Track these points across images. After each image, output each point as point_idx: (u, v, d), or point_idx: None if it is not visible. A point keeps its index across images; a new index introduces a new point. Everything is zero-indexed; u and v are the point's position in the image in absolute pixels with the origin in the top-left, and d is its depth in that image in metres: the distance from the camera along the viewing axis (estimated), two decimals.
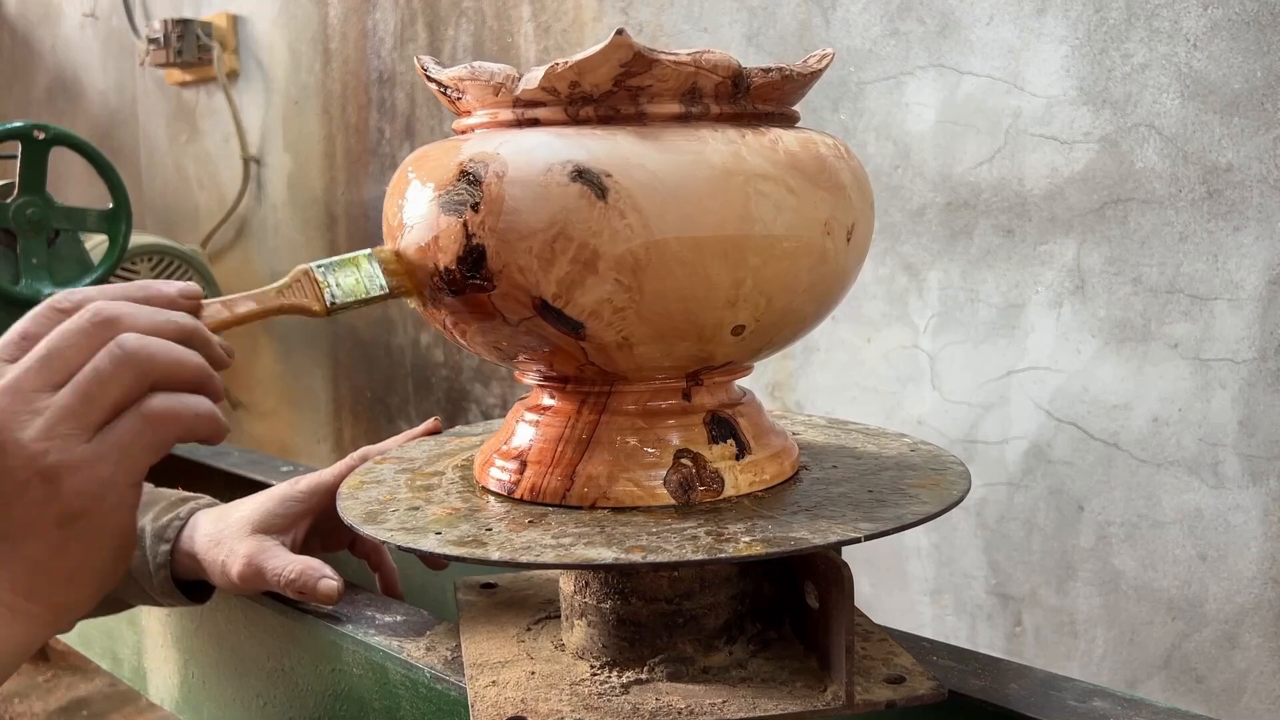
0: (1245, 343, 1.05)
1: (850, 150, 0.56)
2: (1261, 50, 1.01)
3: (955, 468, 0.59)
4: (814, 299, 0.54)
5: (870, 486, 0.56)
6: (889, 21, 1.27)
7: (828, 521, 0.50)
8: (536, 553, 0.48)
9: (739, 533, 0.50)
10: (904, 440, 0.65)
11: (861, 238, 0.55)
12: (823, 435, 0.68)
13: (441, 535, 0.52)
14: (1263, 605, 1.06)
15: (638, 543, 0.49)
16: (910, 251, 1.28)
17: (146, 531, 0.70)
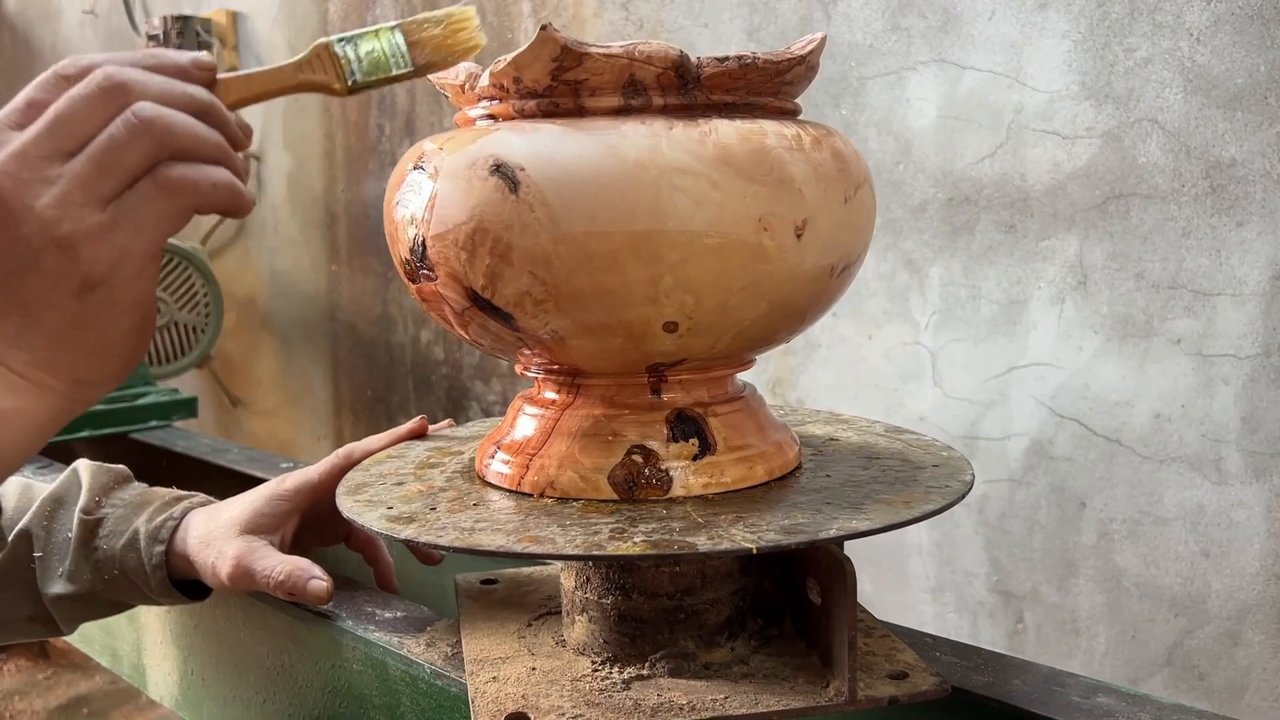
0: (1248, 338, 1.05)
1: (833, 143, 0.52)
2: (1265, 44, 1.01)
3: (961, 486, 0.56)
4: (760, 298, 0.51)
5: (852, 499, 0.53)
6: (890, 16, 1.27)
7: (748, 530, 0.49)
8: (436, 534, 0.50)
9: (639, 533, 0.49)
10: (951, 455, 0.62)
11: (823, 235, 0.51)
12: (865, 437, 0.67)
13: (391, 510, 0.54)
14: (1265, 602, 1.06)
15: (530, 533, 0.50)
16: (912, 248, 1.28)
17: (141, 533, 0.70)
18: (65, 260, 0.42)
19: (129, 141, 0.42)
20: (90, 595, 0.70)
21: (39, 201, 0.41)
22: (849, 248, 0.54)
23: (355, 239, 2.08)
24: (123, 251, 0.43)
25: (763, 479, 0.56)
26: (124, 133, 0.42)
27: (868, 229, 0.56)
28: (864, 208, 0.54)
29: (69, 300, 0.43)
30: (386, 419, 2.06)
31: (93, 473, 0.74)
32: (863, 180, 0.54)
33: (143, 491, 0.74)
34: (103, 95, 0.42)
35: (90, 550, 0.70)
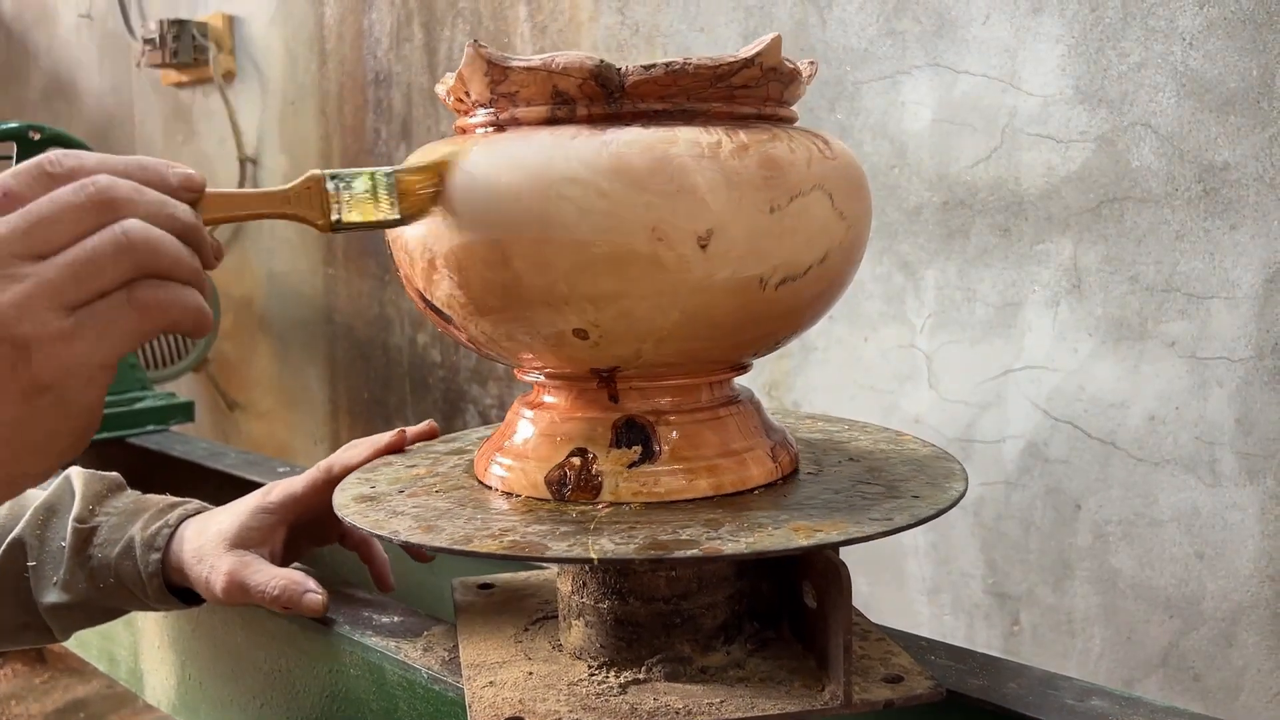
0: (1242, 341, 1.05)
1: (767, 150, 0.50)
2: (1258, 48, 1.01)
3: (915, 506, 0.53)
4: (669, 308, 0.51)
5: (805, 511, 0.53)
6: (885, 21, 1.27)
7: (629, 542, 0.49)
8: (372, 519, 0.54)
9: (520, 535, 0.51)
10: (953, 466, 0.61)
11: (738, 246, 0.50)
12: (875, 443, 0.67)
13: (350, 491, 0.57)
14: (1260, 603, 1.06)
15: (442, 523, 0.53)
16: (907, 251, 1.28)
17: (136, 540, 0.70)
18: (17, 360, 0.40)
19: (112, 258, 0.41)
20: (85, 603, 0.71)
21: (1, 298, 0.40)
22: (783, 259, 0.51)
23: (352, 241, 2.08)
24: (79, 360, 0.41)
25: (706, 493, 0.54)
26: (109, 248, 0.41)
27: (821, 238, 0.52)
28: (807, 216, 0.51)
29: (16, 400, 0.41)
30: (383, 421, 2.06)
31: (85, 480, 0.74)
32: (808, 188, 0.51)
33: (136, 499, 0.74)
34: (91, 206, 0.41)
35: (85, 559, 0.70)
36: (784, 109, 0.56)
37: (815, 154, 0.53)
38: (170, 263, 0.43)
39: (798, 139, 0.53)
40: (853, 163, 0.56)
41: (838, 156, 0.54)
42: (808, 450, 0.64)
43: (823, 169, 0.52)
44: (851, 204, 0.54)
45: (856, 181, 0.55)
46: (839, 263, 0.54)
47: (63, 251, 0.41)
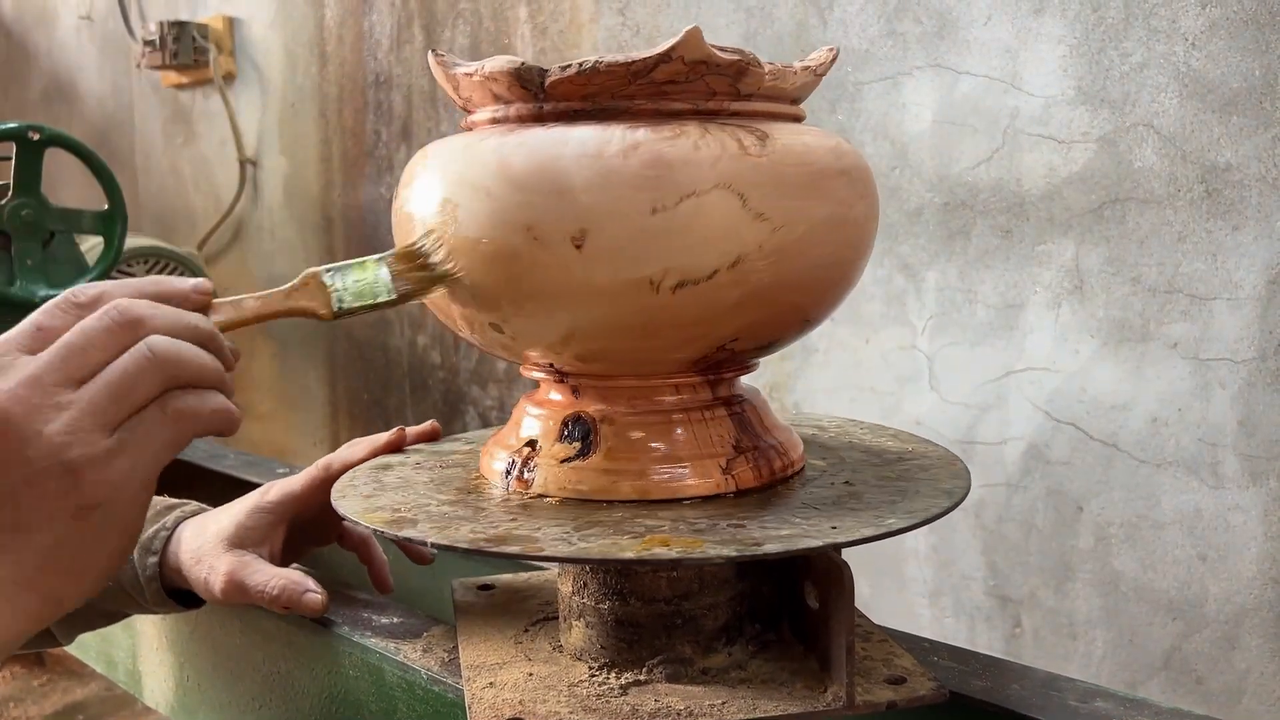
0: (1244, 342, 1.05)
1: (658, 149, 0.49)
2: (1260, 49, 1.01)
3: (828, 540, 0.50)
4: (557, 308, 0.51)
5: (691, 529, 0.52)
6: (886, 22, 1.27)
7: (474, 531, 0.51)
8: (349, 502, 0.57)
9: (433, 520, 0.54)
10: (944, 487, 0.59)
11: (618, 246, 0.49)
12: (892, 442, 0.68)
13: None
14: (1263, 606, 1.06)
15: (396, 503, 0.57)
16: (908, 252, 1.28)
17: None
18: (68, 483, 0.43)
19: (142, 373, 0.44)
20: (86, 607, 0.70)
21: (49, 427, 0.43)
22: (673, 261, 0.49)
23: (352, 243, 2.08)
24: (125, 476, 0.44)
25: (629, 495, 0.54)
26: (137, 365, 0.44)
27: (725, 241, 0.50)
28: (702, 217, 0.49)
29: (66, 521, 0.44)
30: (383, 423, 2.05)
31: None
32: (706, 188, 0.49)
33: None
34: (116, 328, 0.45)
35: None
36: (754, 103, 0.53)
37: (730, 152, 0.50)
38: (196, 369, 0.46)
39: (714, 137, 0.50)
40: (803, 160, 0.51)
41: (770, 154, 0.50)
42: (818, 453, 0.64)
43: (735, 167, 0.49)
44: (782, 204, 0.50)
45: (798, 181, 0.51)
46: (765, 267, 0.51)
47: (96, 376, 0.44)
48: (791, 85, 0.55)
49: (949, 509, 0.53)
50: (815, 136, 0.54)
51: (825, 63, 0.57)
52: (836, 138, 0.56)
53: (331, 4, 2.05)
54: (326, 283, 0.53)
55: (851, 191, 0.54)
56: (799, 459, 0.60)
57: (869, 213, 0.56)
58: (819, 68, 0.57)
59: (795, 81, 0.55)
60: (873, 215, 0.57)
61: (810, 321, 0.58)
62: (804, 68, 0.56)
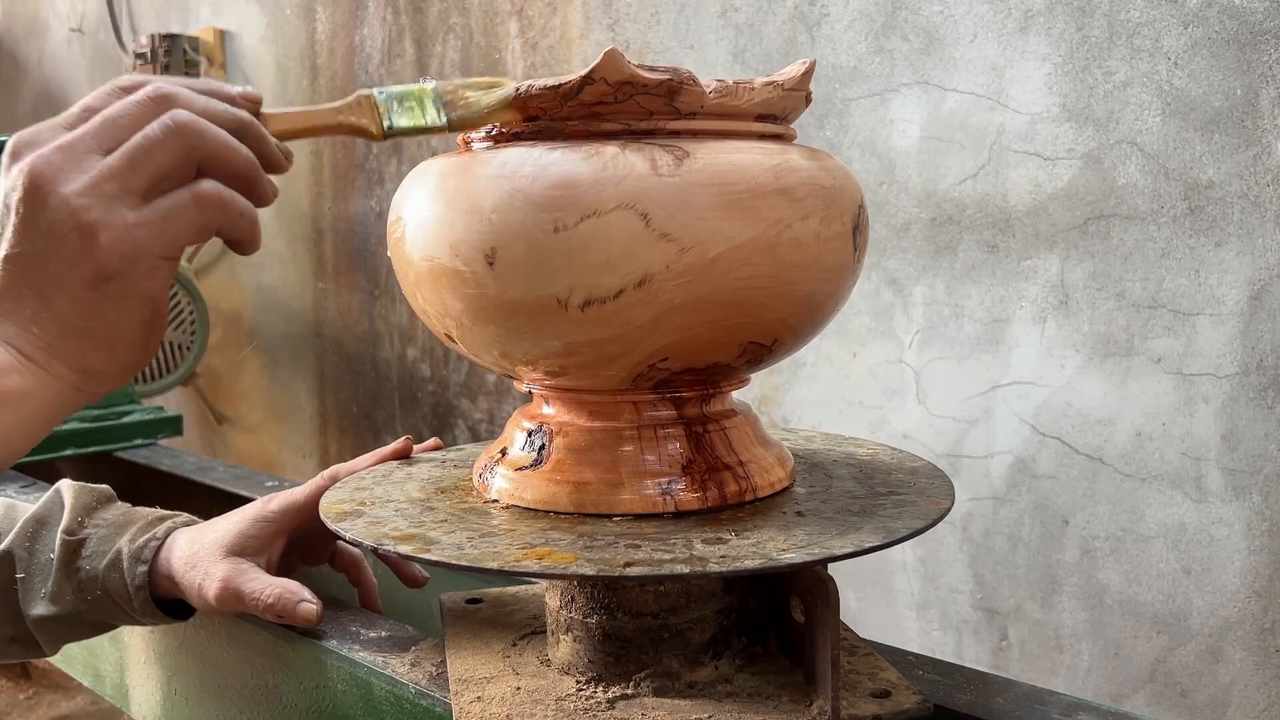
0: (1227, 357, 1.06)
1: (560, 170, 0.50)
2: (1241, 68, 1.02)
3: None
4: (484, 322, 0.54)
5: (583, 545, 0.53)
6: (874, 39, 1.28)
7: (421, 541, 0.53)
8: (333, 492, 0.63)
9: (377, 515, 0.58)
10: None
11: (525, 264, 0.50)
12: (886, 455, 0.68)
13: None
14: (1246, 619, 1.07)
15: (371, 498, 0.62)
16: (895, 267, 1.29)
17: (124, 553, 0.69)
18: (85, 246, 0.44)
19: (161, 141, 0.45)
20: (73, 616, 0.70)
21: (69, 187, 0.44)
22: (578, 280, 0.50)
23: (342, 255, 2.08)
24: (141, 247, 0.45)
25: (565, 508, 0.56)
26: (158, 132, 0.45)
27: (628, 260, 0.49)
28: (602, 237, 0.49)
29: (82, 288, 0.44)
30: (372, 436, 2.05)
31: (75, 493, 0.73)
32: (608, 208, 0.49)
33: (125, 511, 0.74)
34: (150, 103, 0.46)
35: (73, 571, 0.70)
36: (699, 121, 0.53)
37: (637, 172, 0.49)
38: (220, 148, 0.47)
39: (627, 157, 0.50)
40: (722, 180, 0.50)
41: (683, 174, 0.50)
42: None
43: (639, 188, 0.49)
44: (691, 225, 0.50)
45: (712, 202, 0.50)
46: (676, 288, 0.50)
47: None
48: (747, 102, 0.54)
49: (886, 544, 0.51)
50: (757, 155, 0.52)
51: (796, 77, 0.56)
52: (791, 155, 0.53)
53: (323, 17, 2.06)
54: (380, 103, 0.54)
55: (793, 211, 0.52)
56: (773, 483, 0.58)
57: (823, 232, 0.53)
58: (787, 83, 0.55)
59: (753, 98, 0.54)
60: (833, 235, 0.54)
61: (771, 345, 0.56)
62: (767, 83, 0.55)
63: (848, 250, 0.56)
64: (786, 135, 0.58)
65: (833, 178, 0.55)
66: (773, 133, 0.56)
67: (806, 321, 0.57)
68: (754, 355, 0.56)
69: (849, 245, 0.56)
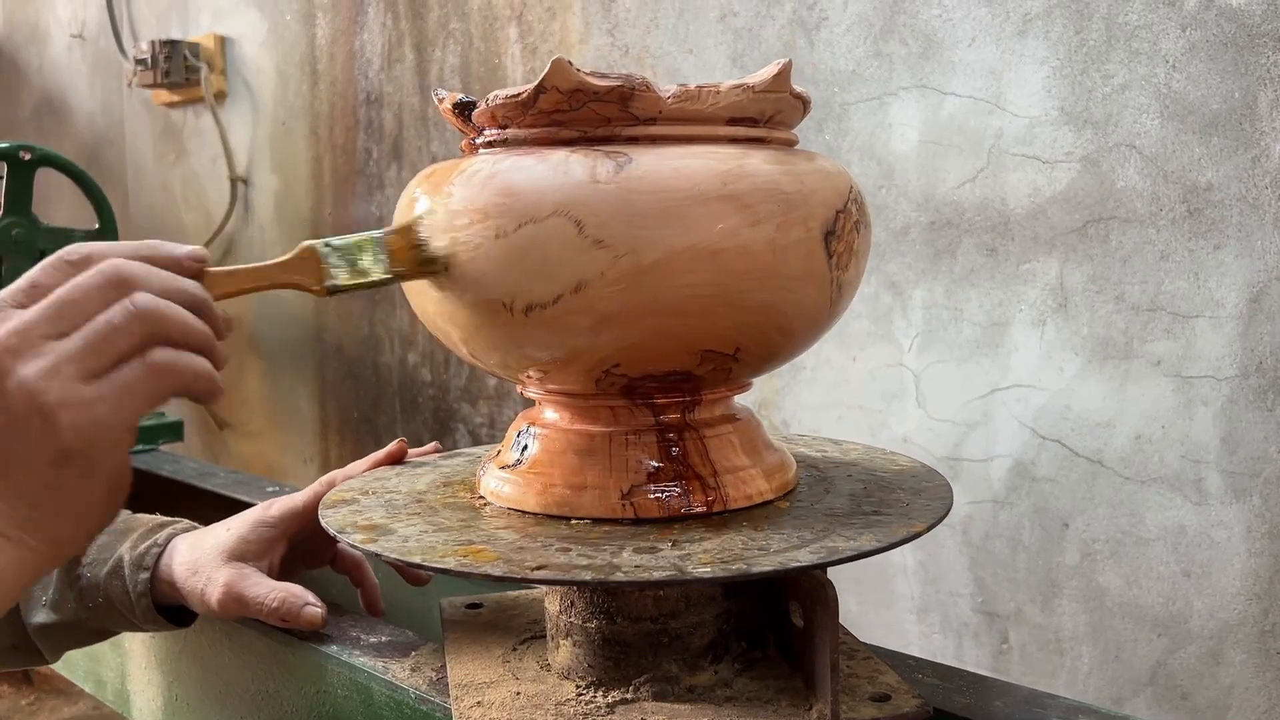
0: (1226, 360, 1.06)
1: (503, 179, 0.51)
2: (1239, 71, 1.02)
3: None
4: (448, 325, 0.57)
5: None
6: (872, 43, 1.28)
7: (384, 531, 0.56)
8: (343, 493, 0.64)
9: (366, 506, 0.60)
10: None
11: (473, 271, 0.52)
12: None
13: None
14: (1247, 621, 1.07)
15: (385, 488, 0.65)
16: (894, 270, 1.29)
17: (125, 560, 0.69)
18: (46, 428, 0.43)
19: (124, 326, 0.45)
20: (74, 624, 0.70)
21: (27, 370, 0.43)
22: (519, 286, 0.51)
23: None
24: (101, 423, 0.44)
25: (533, 508, 0.57)
26: (121, 318, 0.45)
27: (564, 267, 0.50)
28: (539, 244, 0.50)
29: (47, 468, 0.44)
30: (373, 440, 2.05)
31: None
32: (543, 215, 0.50)
33: (125, 518, 0.74)
34: (106, 284, 0.45)
35: (74, 579, 0.70)
36: (659, 127, 0.53)
37: (575, 179, 0.50)
38: (180, 328, 0.46)
39: (569, 164, 0.50)
40: (660, 187, 0.50)
41: (621, 181, 0.50)
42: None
43: (575, 195, 0.50)
44: (626, 232, 0.49)
45: (649, 208, 0.50)
46: (613, 294, 0.50)
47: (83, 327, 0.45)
48: (712, 106, 0.53)
49: (820, 564, 0.50)
50: (708, 160, 0.51)
51: (768, 79, 0.54)
52: (751, 159, 0.52)
53: (323, 23, 2.06)
54: (322, 258, 0.53)
55: (740, 217, 0.51)
56: (750, 495, 0.57)
57: (779, 239, 0.52)
58: (758, 85, 0.54)
59: (718, 102, 0.53)
60: (792, 242, 0.52)
61: (734, 354, 0.54)
62: (734, 86, 0.53)
63: (816, 258, 0.53)
64: (770, 139, 0.56)
65: (800, 183, 0.53)
66: (750, 136, 0.55)
67: (771, 331, 0.55)
68: (720, 364, 0.55)
69: (817, 253, 0.53)
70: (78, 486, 0.45)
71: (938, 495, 0.60)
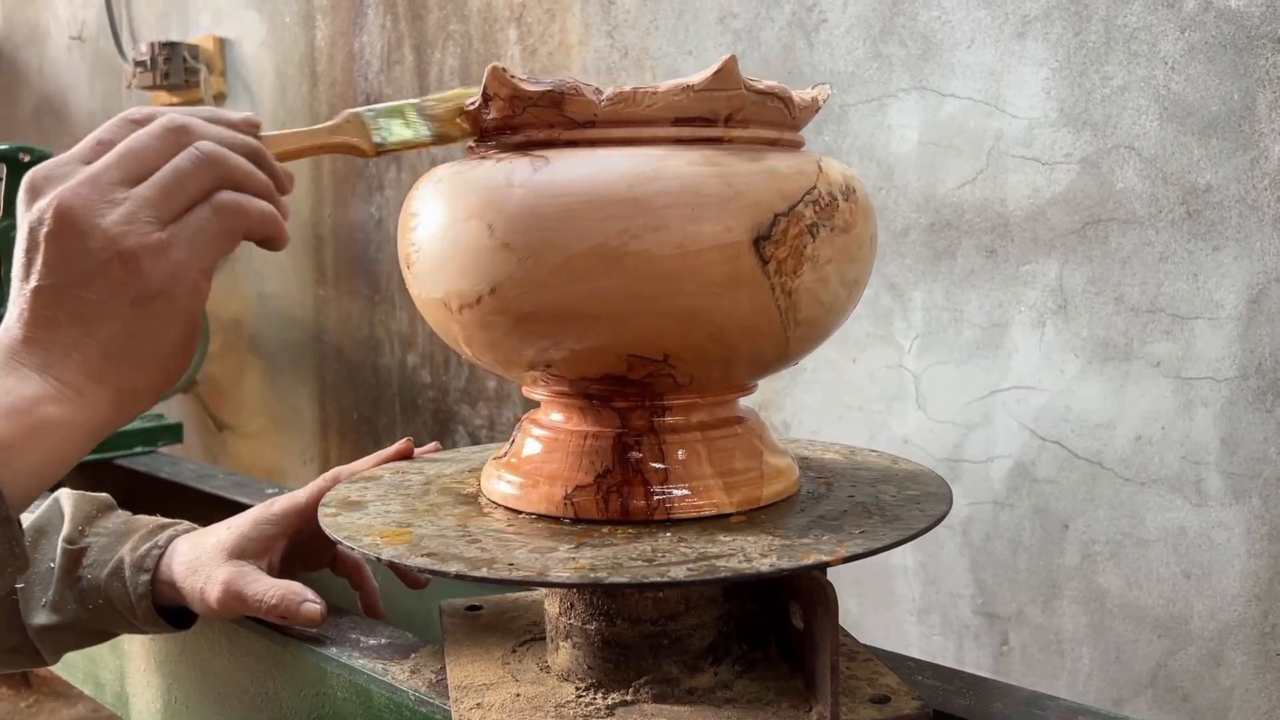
0: (1226, 361, 1.06)
1: (464, 177, 0.53)
2: (1238, 73, 1.02)
3: None
4: (429, 318, 0.59)
5: None
6: (872, 45, 1.28)
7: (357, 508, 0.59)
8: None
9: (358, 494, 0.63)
10: None
11: (425, 269, 0.56)
12: None
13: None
14: (1247, 622, 1.07)
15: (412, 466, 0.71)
16: (894, 272, 1.29)
17: (125, 561, 0.69)
18: (127, 272, 0.46)
19: (192, 171, 0.47)
20: (74, 625, 0.70)
21: (105, 219, 0.45)
22: (452, 285, 0.53)
23: (342, 262, 2.08)
24: (180, 265, 0.47)
25: (498, 500, 0.59)
26: (189, 164, 0.48)
27: (478, 269, 0.51)
28: (462, 244, 0.51)
29: (127, 310, 0.46)
30: (373, 441, 2.05)
31: (75, 502, 0.74)
32: (463, 217, 0.51)
33: (126, 520, 0.74)
34: (169, 134, 0.48)
35: (74, 580, 0.70)
36: (598, 130, 0.53)
37: (493, 182, 0.51)
38: (243, 174, 0.49)
39: (496, 168, 0.52)
40: (562, 191, 0.50)
41: (530, 185, 0.50)
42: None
43: (490, 198, 0.51)
44: (528, 235, 0.50)
45: (550, 212, 0.49)
46: (520, 296, 0.51)
47: (152, 176, 0.47)
48: (650, 107, 0.52)
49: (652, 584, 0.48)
50: (620, 161, 0.51)
51: (708, 77, 0.52)
52: (672, 161, 0.50)
53: (322, 25, 2.06)
54: (367, 121, 0.56)
55: (644, 220, 0.49)
56: (699, 506, 0.55)
57: (688, 244, 0.49)
58: (699, 84, 0.52)
59: (655, 103, 0.52)
60: (707, 247, 0.50)
61: (663, 360, 0.53)
62: (673, 87, 0.52)
63: (744, 263, 0.50)
64: (731, 138, 0.53)
65: (726, 185, 0.50)
66: (699, 137, 0.53)
67: (702, 338, 0.52)
68: (656, 370, 0.53)
69: (746, 258, 0.50)
70: (155, 330, 0.47)
71: (908, 512, 0.60)
